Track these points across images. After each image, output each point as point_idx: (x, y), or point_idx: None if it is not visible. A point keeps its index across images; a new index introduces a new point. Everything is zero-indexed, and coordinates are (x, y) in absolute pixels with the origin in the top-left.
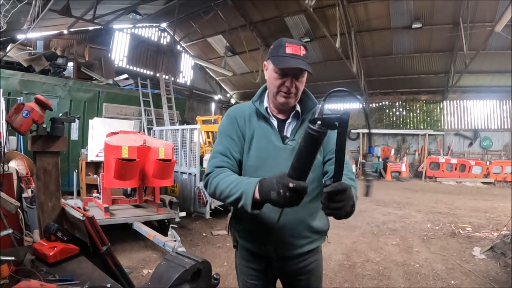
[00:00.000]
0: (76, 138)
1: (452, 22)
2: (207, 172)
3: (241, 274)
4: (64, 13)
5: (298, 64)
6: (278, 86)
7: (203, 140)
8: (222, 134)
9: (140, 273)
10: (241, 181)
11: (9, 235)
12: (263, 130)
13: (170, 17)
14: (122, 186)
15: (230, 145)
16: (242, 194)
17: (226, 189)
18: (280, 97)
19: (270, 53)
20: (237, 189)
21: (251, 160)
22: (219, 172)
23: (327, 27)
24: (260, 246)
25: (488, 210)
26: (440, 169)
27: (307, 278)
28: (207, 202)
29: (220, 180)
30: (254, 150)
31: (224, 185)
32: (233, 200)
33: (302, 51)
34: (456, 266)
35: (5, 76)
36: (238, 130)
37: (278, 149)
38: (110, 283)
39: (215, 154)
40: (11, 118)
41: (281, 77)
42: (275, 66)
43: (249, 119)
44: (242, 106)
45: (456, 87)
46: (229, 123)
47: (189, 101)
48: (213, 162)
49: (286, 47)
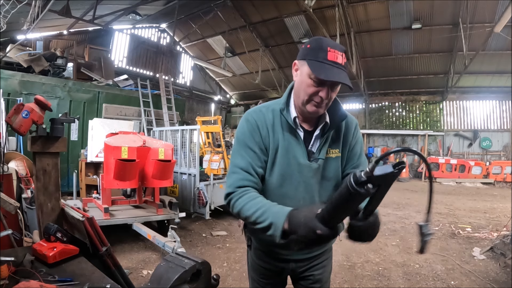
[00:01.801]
0: (76, 139)
1: (452, 23)
2: (229, 192)
3: (253, 272)
4: (63, 14)
5: (340, 77)
6: (311, 94)
7: (202, 141)
8: (243, 144)
9: (139, 273)
10: (269, 208)
11: (8, 235)
12: (288, 143)
13: (169, 18)
14: (122, 186)
15: (253, 159)
16: (271, 225)
17: (252, 215)
18: (310, 106)
19: (307, 53)
20: (265, 218)
21: (274, 177)
22: (242, 193)
23: (327, 27)
24: (277, 249)
25: (487, 210)
26: (439, 170)
27: (319, 273)
28: (207, 203)
29: (245, 205)
30: (277, 166)
31: (249, 210)
32: (261, 228)
33: (343, 59)
34: (456, 267)
35: (5, 77)
36: (261, 142)
37: (303, 166)
38: (110, 283)
39: (235, 168)
40: (10, 118)
41: (317, 85)
42: (313, 74)
43: (273, 128)
44: (264, 111)
45: (455, 87)
46: (250, 132)
47: (189, 102)
48: (234, 180)
49: (328, 52)
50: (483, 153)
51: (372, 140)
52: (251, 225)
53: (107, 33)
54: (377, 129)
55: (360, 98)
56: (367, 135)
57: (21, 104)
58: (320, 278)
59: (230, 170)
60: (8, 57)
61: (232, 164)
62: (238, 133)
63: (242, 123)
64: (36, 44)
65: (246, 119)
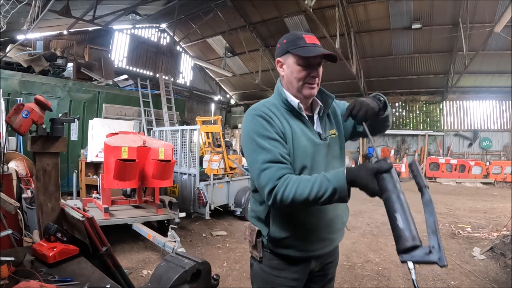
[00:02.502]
0: (76, 139)
1: (452, 23)
2: (271, 188)
3: (265, 284)
4: (63, 14)
5: (324, 51)
6: (304, 77)
7: (202, 141)
8: (261, 137)
9: (139, 273)
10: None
11: (8, 235)
12: (299, 128)
13: (169, 18)
14: (122, 186)
15: (278, 148)
16: (335, 191)
17: (310, 194)
18: (306, 89)
19: (287, 46)
20: (326, 188)
21: (297, 161)
22: (286, 181)
23: (327, 27)
24: (304, 249)
25: (487, 210)
26: (439, 170)
27: (333, 272)
28: (207, 203)
29: (296, 189)
30: (297, 150)
31: (305, 191)
32: (325, 199)
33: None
34: (456, 267)
35: (5, 77)
36: (278, 129)
37: (318, 145)
38: (110, 283)
39: (263, 165)
40: (10, 118)
41: (306, 68)
42: (303, 56)
43: (282, 118)
44: (266, 105)
45: (455, 87)
46: (264, 124)
47: (189, 102)
48: (269, 174)
49: (305, 38)
50: (483, 153)
51: (372, 140)
52: (312, 203)
53: (107, 33)
54: None
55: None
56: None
57: (21, 104)
58: (332, 277)
59: (258, 168)
60: (8, 57)
61: (258, 162)
62: (251, 130)
63: (249, 120)
64: (36, 44)
65: (253, 115)
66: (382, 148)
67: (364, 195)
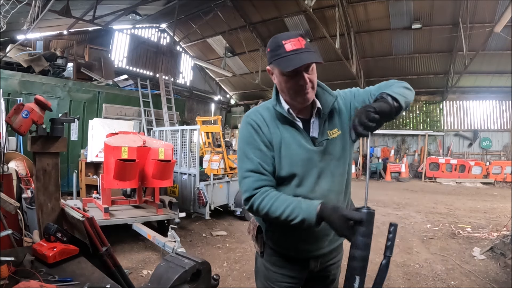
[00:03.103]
0: (76, 139)
1: (452, 23)
2: (247, 196)
3: (266, 280)
4: (63, 14)
5: (304, 59)
6: (293, 88)
7: (202, 141)
8: (247, 146)
9: (139, 273)
10: (297, 205)
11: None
12: (290, 135)
13: (169, 18)
14: (122, 186)
15: (261, 158)
16: (304, 221)
17: (282, 214)
18: (298, 98)
19: (271, 56)
20: (296, 215)
21: (284, 169)
22: (264, 194)
23: (327, 27)
24: (299, 249)
25: (487, 210)
26: (439, 170)
27: (335, 273)
28: (207, 203)
29: (272, 205)
30: (285, 158)
31: (278, 210)
32: (294, 223)
33: (302, 42)
34: (456, 267)
35: (5, 77)
36: (264, 138)
37: (311, 152)
38: (110, 283)
39: (245, 173)
40: (10, 118)
41: (292, 78)
42: (282, 70)
43: (272, 124)
44: (259, 111)
45: (455, 87)
46: (252, 132)
47: (189, 102)
48: (248, 183)
49: (285, 45)
50: (483, 153)
51: (372, 140)
52: (283, 222)
53: (107, 33)
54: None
55: None
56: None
57: (21, 104)
58: (334, 278)
59: (241, 176)
60: (8, 57)
61: (241, 170)
62: (241, 138)
63: (242, 127)
64: (36, 44)
65: (245, 122)
66: (382, 148)
67: (364, 195)
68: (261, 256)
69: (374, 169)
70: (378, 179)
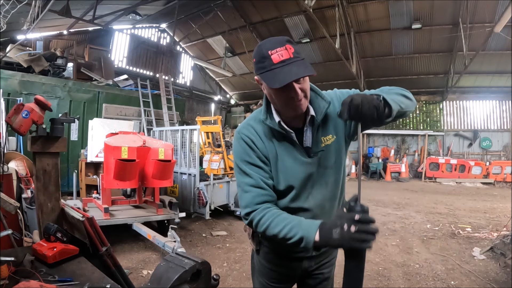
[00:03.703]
0: (76, 139)
1: (452, 23)
2: (248, 211)
3: (261, 277)
4: (63, 14)
5: (293, 74)
6: (284, 100)
7: (202, 141)
8: (245, 162)
9: (139, 273)
10: (297, 223)
11: (8, 235)
12: (285, 148)
13: (169, 18)
14: (122, 186)
15: (260, 173)
16: (302, 239)
17: (280, 232)
18: (291, 110)
19: (257, 68)
20: (294, 233)
21: (281, 184)
22: (264, 211)
23: (327, 27)
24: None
25: (487, 210)
26: (439, 170)
27: (328, 271)
28: (207, 203)
29: (271, 222)
30: (281, 172)
31: (277, 227)
32: (291, 243)
33: (290, 50)
34: (456, 267)
35: (5, 77)
36: (261, 154)
37: (306, 165)
38: (110, 283)
39: (246, 187)
40: (10, 118)
41: (282, 91)
42: (270, 88)
43: (266, 138)
44: (252, 123)
45: (455, 87)
46: (246, 149)
47: (189, 102)
48: (248, 198)
49: (271, 56)
50: (483, 153)
51: (372, 140)
52: (280, 241)
53: (107, 33)
54: (377, 129)
55: None
56: (367, 135)
57: (21, 104)
58: (328, 276)
59: (241, 190)
60: (8, 57)
61: (241, 184)
62: (236, 153)
63: (236, 142)
64: (36, 44)
65: (238, 138)
66: (382, 148)
67: (364, 196)
68: (257, 254)
69: (374, 169)
70: (378, 179)
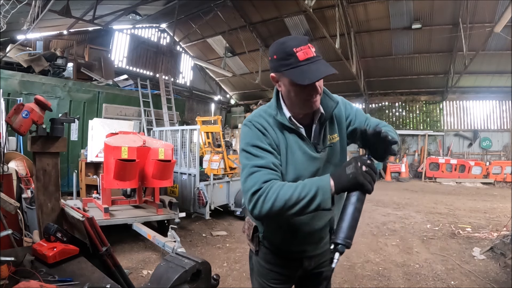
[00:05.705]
0: (76, 139)
1: (452, 23)
2: (255, 189)
3: (260, 277)
4: (63, 14)
5: (322, 70)
6: (305, 98)
7: (202, 141)
8: (255, 147)
9: (139, 273)
10: (308, 181)
11: (8, 235)
12: (295, 141)
13: (169, 18)
14: (122, 186)
15: (271, 158)
16: (317, 192)
17: (293, 195)
18: (306, 107)
19: (279, 65)
20: (308, 189)
21: (289, 175)
22: (270, 185)
23: (327, 27)
24: (294, 250)
25: (487, 210)
26: (439, 170)
27: (328, 270)
28: (207, 203)
29: (279, 192)
30: (291, 164)
31: (287, 193)
32: (306, 202)
33: (312, 49)
34: (456, 267)
35: (5, 77)
36: (272, 142)
37: (314, 159)
38: (110, 283)
39: (254, 168)
40: (10, 118)
41: (305, 88)
42: (300, 84)
43: (277, 130)
44: (263, 116)
45: (455, 87)
46: (259, 134)
47: (189, 102)
48: (257, 177)
49: (297, 53)
50: (483, 153)
51: None
52: (292, 208)
53: (107, 33)
54: None
55: (360, 98)
56: None
57: (21, 104)
58: (327, 275)
59: (247, 172)
60: (8, 57)
61: (249, 166)
62: (247, 139)
63: (247, 129)
64: (36, 44)
65: (250, 124)
66: None
67: None
68: (256, 254)
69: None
70: (378, 179)
